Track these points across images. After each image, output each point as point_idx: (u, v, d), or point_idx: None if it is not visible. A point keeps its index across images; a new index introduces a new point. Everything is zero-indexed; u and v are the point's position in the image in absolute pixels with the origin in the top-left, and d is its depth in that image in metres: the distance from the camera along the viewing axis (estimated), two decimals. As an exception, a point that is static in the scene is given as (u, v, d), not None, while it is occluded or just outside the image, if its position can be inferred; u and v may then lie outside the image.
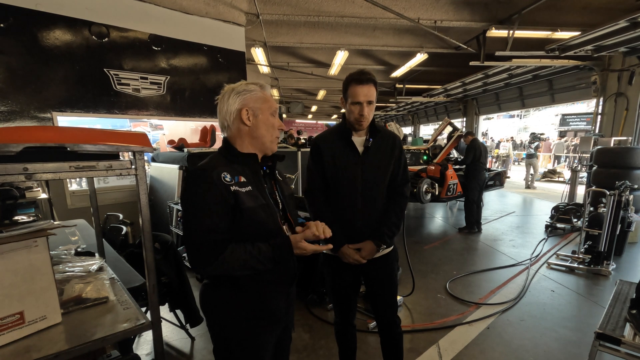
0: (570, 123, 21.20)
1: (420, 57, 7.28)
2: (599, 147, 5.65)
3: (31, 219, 3.20)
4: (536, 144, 11.48)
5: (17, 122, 3.69)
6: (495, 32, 5.88)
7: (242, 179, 1.16)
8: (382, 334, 1.99)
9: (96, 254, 1.77)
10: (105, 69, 4.25)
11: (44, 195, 3.56)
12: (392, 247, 1.88)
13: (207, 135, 5.19)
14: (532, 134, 13.43)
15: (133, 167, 1.03)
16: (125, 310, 1.17)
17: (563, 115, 21.60)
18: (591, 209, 4.57)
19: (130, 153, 1.04)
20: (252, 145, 1.25)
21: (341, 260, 1.78)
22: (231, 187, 1.12)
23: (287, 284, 1.32)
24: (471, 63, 6.75)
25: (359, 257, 1.73)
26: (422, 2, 5.59)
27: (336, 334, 2.06)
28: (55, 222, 1.08)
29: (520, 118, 29.34)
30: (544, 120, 26.89)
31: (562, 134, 21.29)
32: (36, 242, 1.02)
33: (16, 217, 3.23)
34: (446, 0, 5.63)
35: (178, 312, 2.70)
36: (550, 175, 12.35)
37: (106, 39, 4.22)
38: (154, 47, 4.62)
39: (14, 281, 0.99)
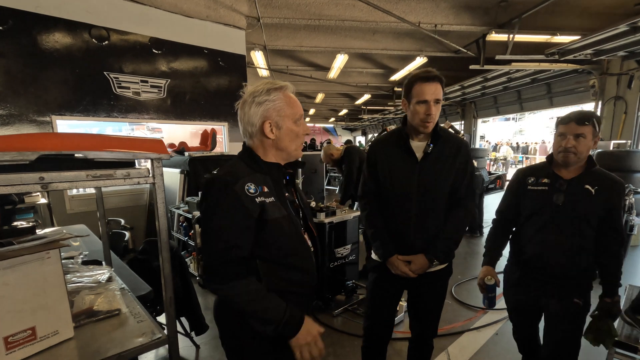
0: (566, 126, 21.35)
1: (420, 61, 7.29)
2: (598, 150, 5.67)
3: (30, 224, 3.14)
4: None
5: (16, 125, 3.63)
6: (495, 36, 5.91)
7: (266, 189, 1.12)
8: (413, 345, 1.94)
9: (103, 263, 1.72)
10: (105, 73, 4.21)
11: (43, 200, 3.50)
12: (446, 264, 1.76)
13: (208, 138, 5.14)
14: None
15: (151, 175, 0.99)
16: (139, 324, 1.13)
17: (559, 118, 21.73)
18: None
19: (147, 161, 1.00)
20: (276, 156, 1.20)
21: (389, 269, 1.72)
22: (256, 199, 1.07)
23: (312, 296, 1.29)
24: (471, 67, 6.77)
25: (408, 270, 1.65)
26: (422, 6, 5.60)
27: (363, 349, 1.93)
28: (65, 231, 1.04)
29: (516, 121, 29.55)
30: (539, 123, 27.09)
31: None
32: (48, 254, 0.97)
33: (15, 223, 3.18)
34: (446, 5, 5.65)
35: (182, 319, 2.65)
36: (547, 178, 12.39)
37: (106, 42, 4.19)
38: (154, 51, 4.58)
39: (26, 295, 0.94)
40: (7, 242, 0.94)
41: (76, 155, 1.01)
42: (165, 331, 1.10)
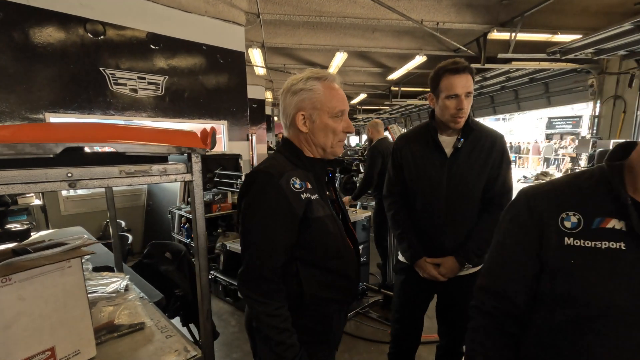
0: (557, 126, 21.70)
1: (419, 60, 7.24)
2: (600, 149, 5.68)
3: (25, 226, 2.97)
4: None
5: (7, 123, 3.44)
6: (496, 35, 5.87)
7: (309, 186, 1.02)
8: (442, 352, 1.84)
9: (114, 269, 1.59)
10: (101, 68, 4.03)
11: (37, 202, 3.33)
12: (480, 266, 1.65)
13: (208, 137, 4.97)
14: None
15: (188, 171, 0.87)
16: (168, 339, 1.00)
17: (550, 118, 22.09)
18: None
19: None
20: (312, 152, 1.10)
21: (417, 273, 1.62)
22: (302, 195, 0.98)
23: (350, 302, 1.19)
24: (472, 65, 6.73)
25: (437, 274, 1.55)
26: (424, 3, 5.54)
27: (390, 356, 1.85)
28: (86, 237, 0.91)
29: (505, 121, 29.84)
30: (529, 123, 27.42)
31: (548, 137, 21.75)
32: (69, 263, 0.85)
33: (8, 225, 3.00)
34: (448, 2, 5.60)
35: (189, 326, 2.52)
36: (542, 177, 12.49)
37: (102, 37, 4.01)
38: (152, 46, 4.42)
39: (45, 311, 0.82)
40: (23, 250, 0.81)
41: (99, 148, 0.89)
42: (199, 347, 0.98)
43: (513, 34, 5.70)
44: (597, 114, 6.94)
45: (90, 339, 0.91)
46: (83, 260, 1.77)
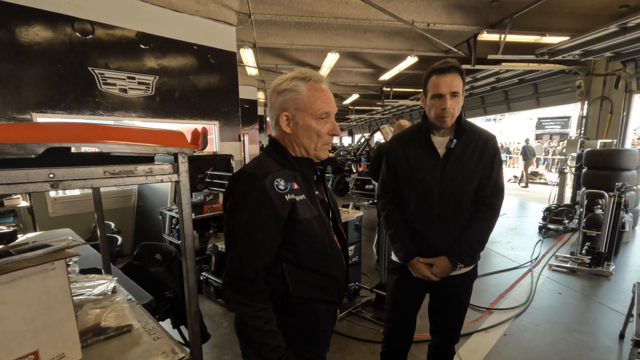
0: (546, 126, 22.05)
1: (410, 61, 7.29)
2: (588, 149, 5.76)
3: (11, 229, 2.91)
4: None
5: (-7, 124, 3.38)
6: (486, 36, 5.94)
7: (295, 186, 1.01)
8: (433, 351, 1.85)
9: (102, 271, 1.57)
10: (89, 68, 3.98)
11: (24, 203, 3.27)
12: (472, 266, 1.66)
13: (199, 138, 4.93)
14: None
15: (175, 172, 0.86)
16: (156, 341, 0.99)
17: (539, 119, 22.42)
18: (581, 210, 4.62)
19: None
20: (297, 152, 1.09)
21: (410, 272, 1.63)
22: (286, 196, 0.97)
23: (338, 302, 1.19)
24: (462, 66, 6.78)
25: (429, 274, 1.56)
26: (415, 5, 5.58)
27: (382, 355, 1.85)
28: (70, 238, 0.90)
29: (496, 122, 30.14)
30: (519, 124, 27.74)
31: (538, 137, 22.09)
32: (53, 265, 0.83)
33: (-6, 228, 2.94)
34: (438, 4, 5.64)
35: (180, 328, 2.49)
36: (532, 177, 12.65)
37: (91, 36, 3.96)
38: (141, 46, 4.38)
39: (27, 314, 0.80)
40: (5, 252, 0.79)
41: (83, 148, 0.88)
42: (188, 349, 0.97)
43: (502, 36, 5.77)
44: (584, 114, 7.05)
45: (76, 342, 0.90)
46: (70, 263, 1.75)
